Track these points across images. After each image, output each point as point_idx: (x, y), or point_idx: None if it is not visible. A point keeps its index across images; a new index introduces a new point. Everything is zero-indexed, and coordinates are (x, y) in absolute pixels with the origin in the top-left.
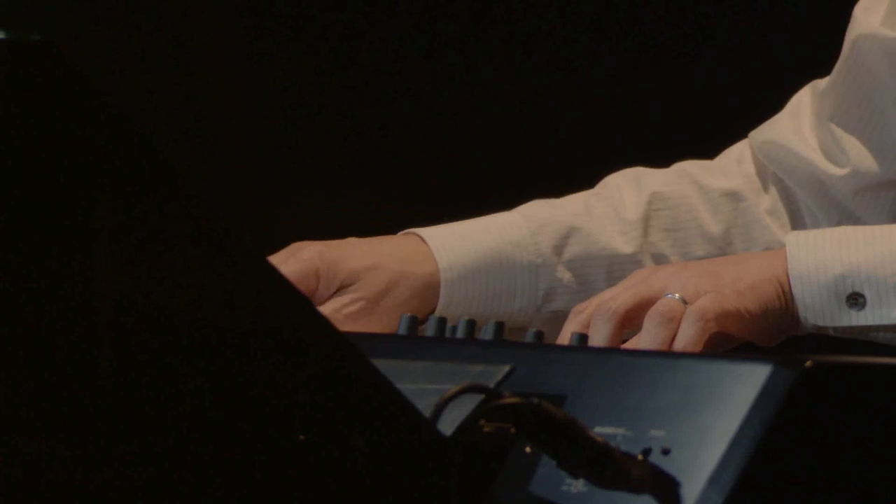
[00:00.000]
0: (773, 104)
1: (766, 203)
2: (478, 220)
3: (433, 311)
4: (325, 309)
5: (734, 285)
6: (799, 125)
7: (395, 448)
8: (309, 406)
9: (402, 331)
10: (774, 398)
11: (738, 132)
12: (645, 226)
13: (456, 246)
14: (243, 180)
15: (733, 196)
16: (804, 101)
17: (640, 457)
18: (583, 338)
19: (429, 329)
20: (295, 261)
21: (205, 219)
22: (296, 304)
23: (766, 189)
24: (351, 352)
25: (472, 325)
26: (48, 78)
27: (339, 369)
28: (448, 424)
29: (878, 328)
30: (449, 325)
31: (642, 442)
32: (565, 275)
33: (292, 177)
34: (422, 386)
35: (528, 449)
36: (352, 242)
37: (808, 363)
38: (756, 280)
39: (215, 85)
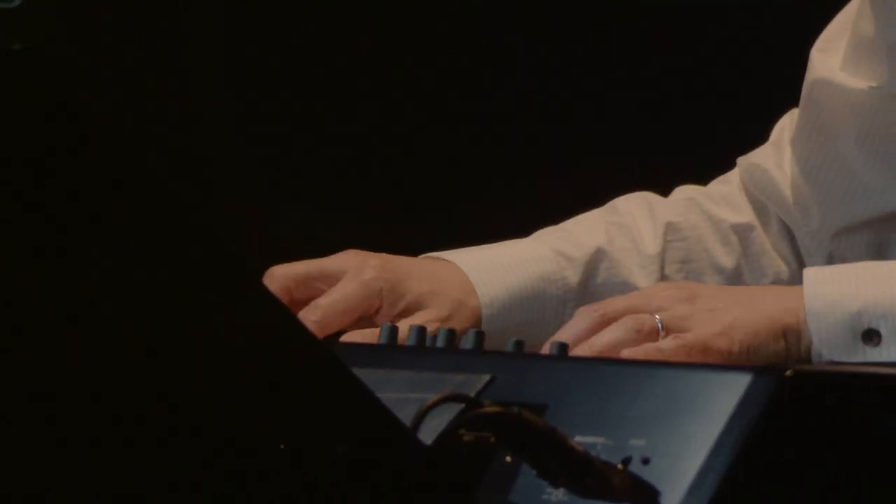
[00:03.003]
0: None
1: (773, 233)
2: (506, 249)
3: None
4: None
5: (727, 329)
6: (780, 159)
7: (375, 457)
8: (290, 415)
9: (383, 340)
10: (755, 407)
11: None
12: (662, 259)
13: (493, 282)
14: (230, 185)
15: (743, 228)
16: (785, 132)
17: (620, 466)
18: (563, 347)
19: (409, 339)
20: (359, 283)
21: (191, 227)
22: (277, 313)
23: (770, 218)
24: (332, 361)
25: (452, 334)
26: (30, 88)
27: (320, 379)
28: (428, 434)
29: (892, 365)
30: (429, 334)
31: (622, 451)
32: None
33: (279, 183)
34: (402, 395)
35: (508, 458)
36: (406, 262)
37: (788, 372)
38: (756, 321)
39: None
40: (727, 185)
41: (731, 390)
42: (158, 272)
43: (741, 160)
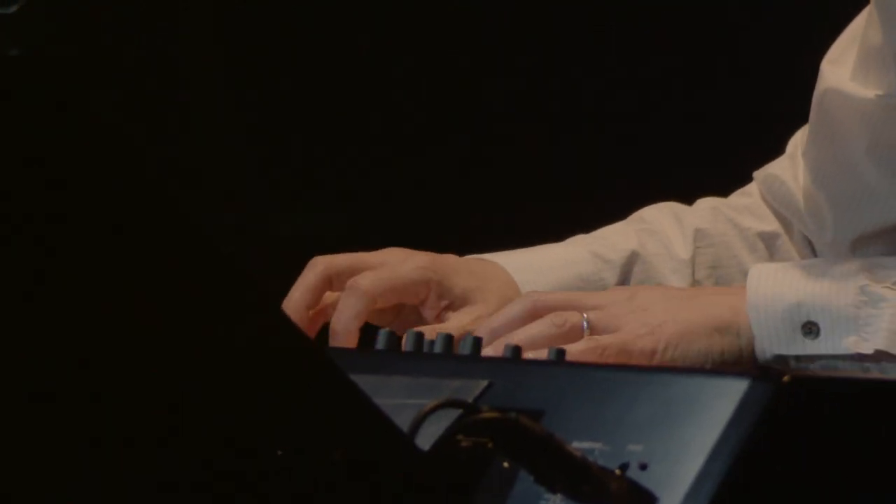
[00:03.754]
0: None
1: (797, 242)
2: (544, 252)
3: None
4: (453, 322)
5: (654, 328)
6: (796, 171)
7: (373, 463)
8: (287, 420)
9: (381, 346)
10: (752, 412)
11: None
12: (693, 264)
13: (536, 281)
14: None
15: (768, 236)
16: (799, 146)
17: (617, 471)
18: (561, 353)
19: (407, 344)
20: (411, 267)
21: (189, 230)
22: (275, 318)
23: (793, 228)
24: (329, 366)
25: (449, 339)
26: (27, 93)
27: (318, 384)
28: (426, 439)
29: (832, 357)
30: (427, 339)
31: (620, 457)
32: None
33: (276, 184)
34: (400, 401)
35: (505, 464)
36: (452, 259)
37: (786, 377)
38: (690, 319)
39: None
40: (749, 197)
41: (728, 396)
42: (156, 276)
43: (758, 173)
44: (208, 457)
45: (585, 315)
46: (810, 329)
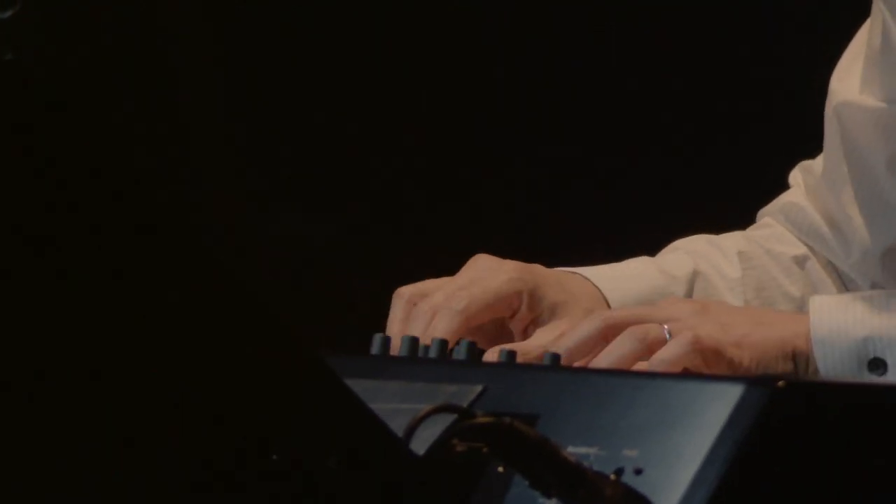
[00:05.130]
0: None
1: (824, 265)
2: (617, 267)
3: None
4: (538, 340)
5: (739, 339)
6: (811, 199)
7: (368, 468)
8: (281, 426)
9: (375, 350)
10: (747, 418)
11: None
12: (743, 283)
13: (620, 289)
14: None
15: (801, 259)
16: (798, 177)
17: (612, 476)
18: (556, 358)
19: (401, 349)
20: (502, 280)
21: (183, 234)
22: (269, 323)
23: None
24: (323, 371)
25: (444, 344)
26: (21, 99)
27: (312, 389)
28: (421, 444)
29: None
30: (422, 344)
31: (615, 461)
32: None
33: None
34: (395, 406)
35: (500, 469)
36: (539, 269)
37: (781, 383)
38: (766, 339)
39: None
40: (768, 227)
41: (723, 401)
42: (149, 281)
43: (770, 207)
44: (203, 461)
45: (666, 326)
46: (877, 366)
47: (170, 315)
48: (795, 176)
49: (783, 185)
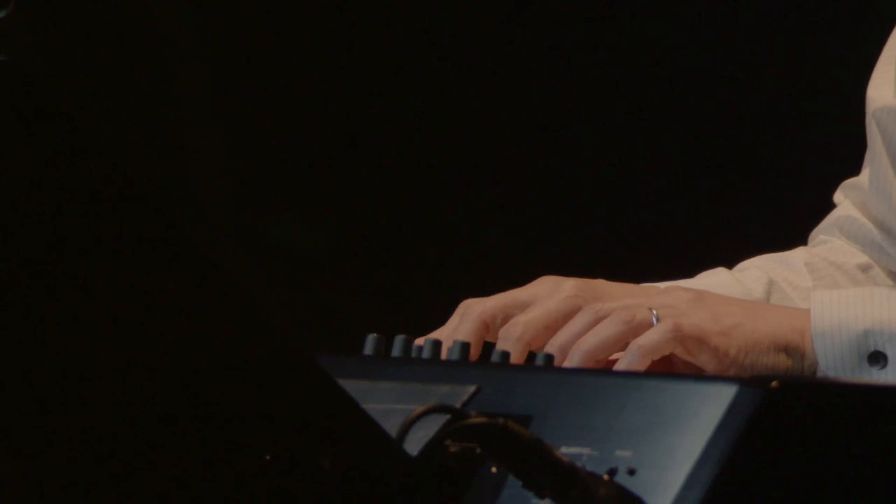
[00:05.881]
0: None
1: (886, 272)
2: (699, 279)
3: None
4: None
5: (728, 328)
6: (863, 210)
7: (361, 468)
8: (275, 426)
9: (369, 351)
10: (740, 418)
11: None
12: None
13: None
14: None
15: (864, 267)
16: (842, 200)
17: (606, 477)
18: (549, 358)
19: (395, 349)
20: (559, 299)
21: (176, 236)
22: (263, 324)
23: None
24: (317, 372)
25: (437, 345)
26: (12, 99)
27: (305, 389)
28: (414, 445)
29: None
30: (415, 344)
31: (608, 462)
32: None
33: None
34: (388, 406)
35: (494, 469)
36: (601, 283)
37: (774, 383)
38: (757, 330)
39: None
40: (826, 244)
41: (717, 401)
42: (142, 282)
43: (819, 229)
44: (196, 461)
45: (654, 311)
46: (877, 359)
47: (162, 314)
48: (839, 196)
49: (820, 202)
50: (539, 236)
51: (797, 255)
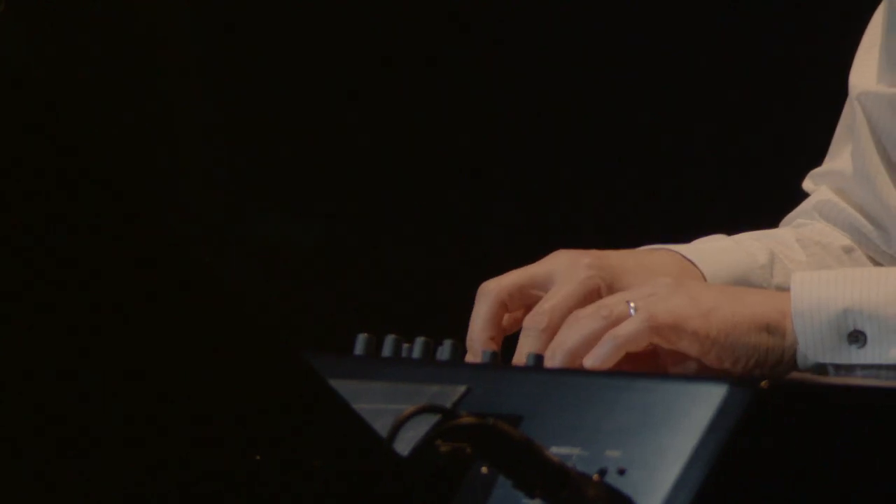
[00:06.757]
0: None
1: (866, 255)
2: (701, 242)
3: None
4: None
5: (707, 311)
6: (842, 195)
7: (351, 469)
8: (265, 426)
9: (359, 351)
10: (730, 418)
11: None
12: (810, 266)
13: (711, 260)
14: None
15: (848, 248)
16: (812, 187)
17: (595, 477)
18: (539, 358)
19: (385, 349)
20: (577, 283)
21: (168, 239)
22: (252, 324)
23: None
24: (307, 372)
25: (428, 345)
26: (5, 97)
27: (296, 389)
28: (404, 444)
29: (877, 367)
30: (405, 345)
31: (598, 462)
32: None
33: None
34: (379, 406)
35: (484, 469)
36: (617, 256)
37: (764, 383)
38: (737, 312)
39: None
40: (807, 225)
41: (707, 401)
42: (133, 283)
43: (794, 214)
44: (186, 462)
45: (632, 303)
46: (857, 338)
47: (149, 315)
48: (809, 184)
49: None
50: (533, 237)
51: (786, 232)
